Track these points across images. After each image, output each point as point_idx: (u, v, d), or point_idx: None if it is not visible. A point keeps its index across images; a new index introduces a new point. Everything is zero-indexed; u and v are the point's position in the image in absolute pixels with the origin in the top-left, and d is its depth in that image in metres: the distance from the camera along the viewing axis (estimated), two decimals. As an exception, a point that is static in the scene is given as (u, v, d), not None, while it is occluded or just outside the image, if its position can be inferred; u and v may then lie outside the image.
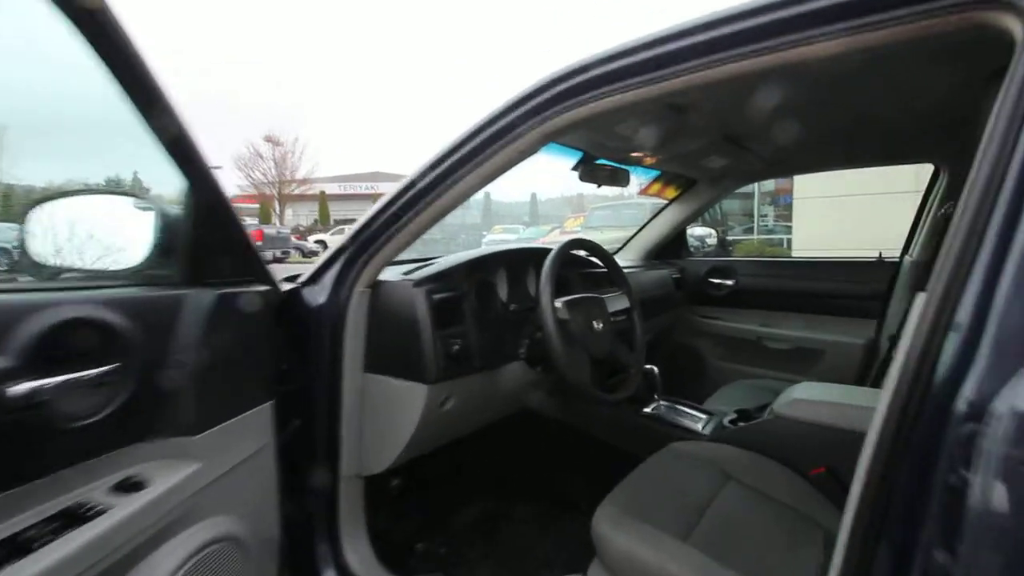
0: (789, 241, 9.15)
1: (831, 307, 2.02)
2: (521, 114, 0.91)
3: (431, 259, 1.29)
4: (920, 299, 0.53)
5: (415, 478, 1.45)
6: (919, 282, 1.76)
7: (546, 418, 1.65)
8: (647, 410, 1.57)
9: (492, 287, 1.29)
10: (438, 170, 1.00)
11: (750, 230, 11.57)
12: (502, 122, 0.94)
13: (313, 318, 1.10)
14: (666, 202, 2.29)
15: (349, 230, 1.13)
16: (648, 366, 1.57)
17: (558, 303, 1.19)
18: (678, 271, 2.33)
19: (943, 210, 1.68)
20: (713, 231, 2.53)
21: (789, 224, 9.31)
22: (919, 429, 0.50)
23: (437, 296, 1.10)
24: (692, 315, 2.36)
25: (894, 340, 1.80)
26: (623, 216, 8.77)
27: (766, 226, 11.71)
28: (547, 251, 1.27)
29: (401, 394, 1.11)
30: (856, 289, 1.96)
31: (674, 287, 2.25)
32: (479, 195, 1.49)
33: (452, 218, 1.20)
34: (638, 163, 1.69)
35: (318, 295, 1.11)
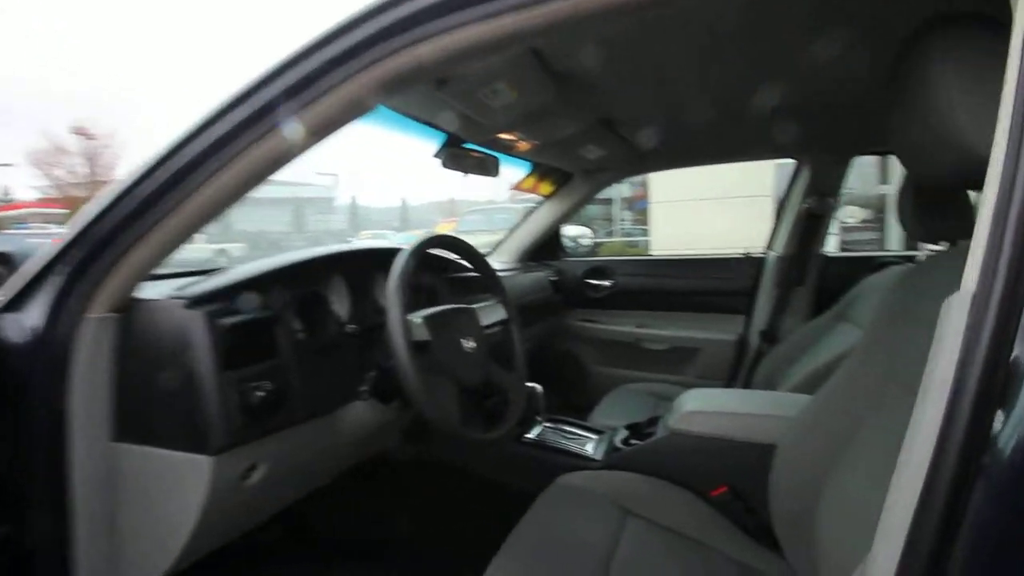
0: (647, 243, 9.89)
1: (704, 305, 2.00)
2: (338, 55, 0.61)
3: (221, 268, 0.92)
4: (959, 301, 0.36)
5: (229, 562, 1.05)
6: (784, 276, 1.79)
7: (409, 461, 1.35)
8: (530, 436, 1.35)
9: (323, 302, 0.95)
10: (216, 129, 0.65)
11: (610, 234, 12.37)
12: (311, 62, 0.62)
13: (16, 361, 0.69)
14: (540, 200, 2.12)
15: (70, 223, 0.72)
16: (530, 385, 1.35)
17: (415, 318, 0.90)
18: (555, 273, 2.17)
19: (805, 205, 1.72)
20: (588, 230, 2.43)
21: (645, 228, 10.09)
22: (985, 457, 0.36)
23: (227, 321, 0.75)
24: (571, 320, 2.22)
25: (765, 335, 1.81)
26: (496, 220, 8.70)
27: (623, 230, 12.61)
28: (398, 251, 0.98)
29: (173, 471, 0.73)
30: (726, 286, 1.96)
31: (552, 290, 2.08)
32: (344, 199, 1.14)
33: (314, 223, 0.85)
34: (509, 150, 1.46)
35: (24, 324, 0.70)
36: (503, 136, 1.32)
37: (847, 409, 0.84)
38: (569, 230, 2.35)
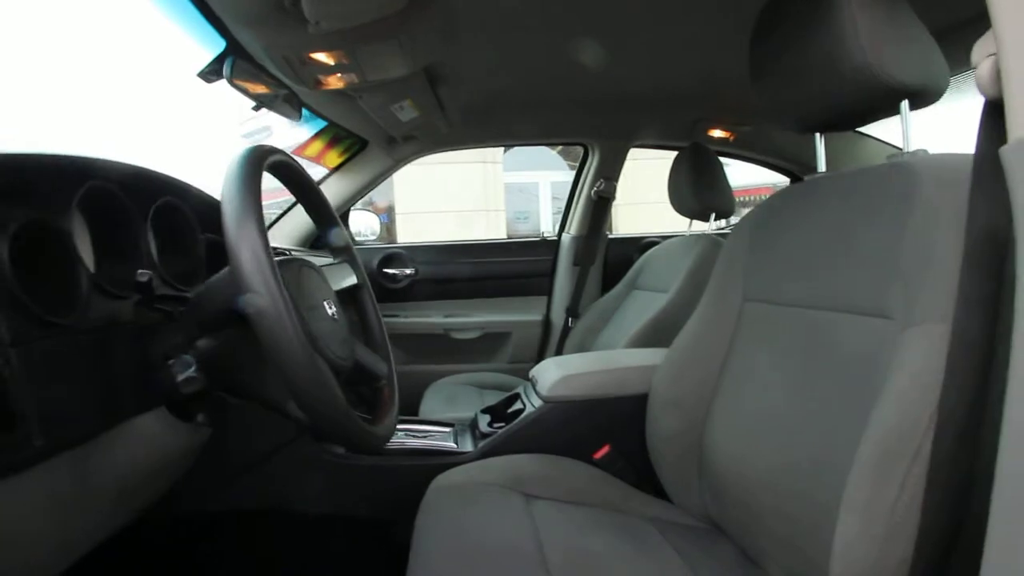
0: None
1: (508, 288, 1.99)
2: None
3: None
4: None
5: None
6: (579, 256, 1.92)
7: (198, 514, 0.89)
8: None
9: (63, 246, 0.51)
10: None
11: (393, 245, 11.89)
12: None
13: None
14: (326, 172, 1.78)
15: None
16: None
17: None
18: None
19: (596, 188, 1.88)
20: (376, 218, 2.15)
21: (391, 243, 10.03)
22: None
23: None
24: None
25: (571, 311, 1.91)
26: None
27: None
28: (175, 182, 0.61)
29: None
30: (528, 268, 2.00)
31: None
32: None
33: None
34: (318, 85, 1.14)
35: None
36: (316, 57, 1.00)
37: (714, 343, 0.89)
38: (356, 218, 2.04)
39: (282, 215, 1.76)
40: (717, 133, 1.75)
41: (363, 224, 2.08)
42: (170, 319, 0.60)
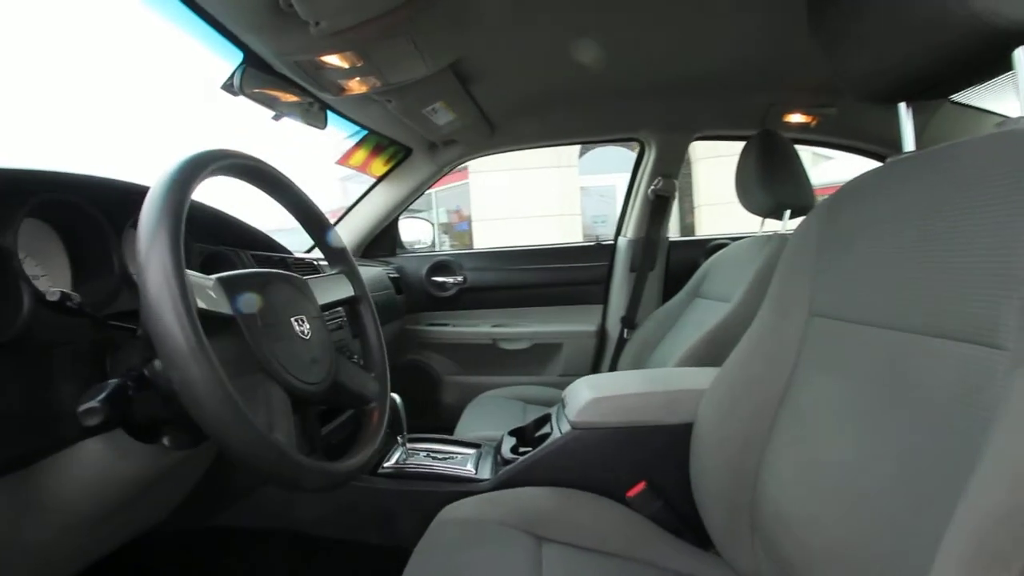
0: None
1: (561, 297, 1.88)
2: None
3: None
4: None
5: None
6: (636, 261, 1.76)
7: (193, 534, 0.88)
8: (388, 464, 1.00)
9: (3, 254, 0.50)
10: None
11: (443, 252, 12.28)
12: None
13: None
14: (373, 182, 1.78)
15: None
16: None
17: (200, 278, 0.51)
18: (394, 270, 1.84)
19: (653, 187, 1.71)
20: (430, 225, 2.14)
21: (464, 250, 10.24)
22: None
23: None
24: (416, 324, 1.90)
25: (627, 322, 1.75)
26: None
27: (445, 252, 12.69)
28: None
29: None
30: (581, 275, 1.87)
31: (394, 291, 1.74)
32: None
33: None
34: (341, 91, 1.12)
35: None
36: (328, 60, 0.97)
37: (772, 367, 0.72)
38: (407, 226, 2.03)
39: (344, 214, 1.80)
40: (795, 118, 1.52)
41: (416, 232, 2.06)
42: (135, 336, 0.58)
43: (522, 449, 1.01)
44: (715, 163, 7.22)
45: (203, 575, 0.92)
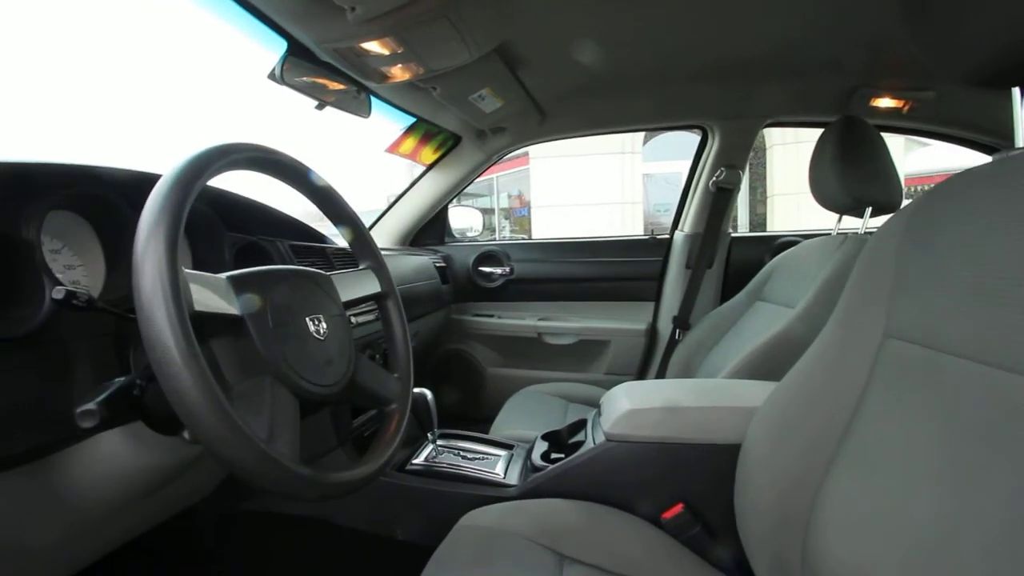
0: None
1: (611, 292, 1.80)
2: None
3: None
4: None
5: None
6: (692, 258, 1.64)
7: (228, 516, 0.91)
8: (417, 461, 0.99)
9: (26, 247, 0.51)
10: None
11: (491, 241, 12.36)
12: None
13: None
14: (423, 170, 1.77)
15: None
16: (418, 391, 0.99)
17: (209, 277, 0.50)
18: (441, 259, 1.83)
19: (715, 178, 1.58)
20: (480, 214, 2.11)
21: (523, 236, 10.22)
22: None
23: None
24: (462, 314, 1.89)
25: (679, 322, 1.65)
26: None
27: (504, 239, 12.73)
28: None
29: None
30: (633, 270, 1.77)
31: (439, 279, 1.73)
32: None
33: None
34: (384, 78, 1.10)
35: None
36: (368, 47, 0.95)
37: (836, 390, 0.62)
38: (457, 214, 2.01)
39: (382, 215, 1.81)
40: (884, 103, 1.33)
41: (465, 220, 2.05)
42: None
43: (554, 456, 0.96)
44: (793, 149, 6.71)
45: (237, 556, 0.96)
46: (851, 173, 1.14)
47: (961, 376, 0.48)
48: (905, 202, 0.89)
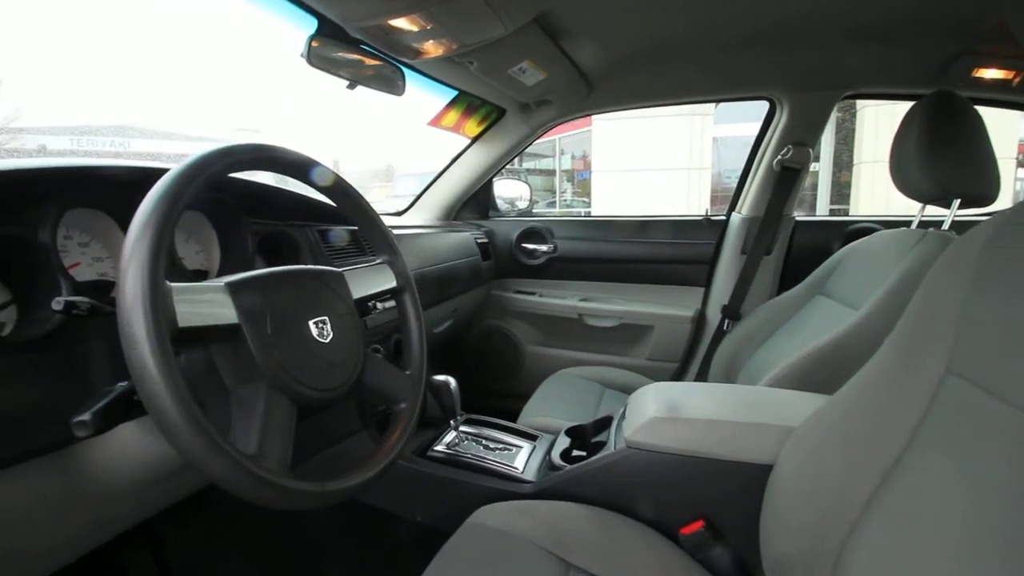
0: (588, 213, 9.75)
1: (658, 275, 1.71)
2: None
3: None
4: None
5: None
6: (748, 242, 1.52)
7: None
8: (439, 448, 1.00)
9: (40, 249, 0.54)
10: None
11: (552, 204, 12.15)
12: None
13: None
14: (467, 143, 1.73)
15: None
16: (442, 378, 0.99)
17: (207, 287, 0.51)
18: (484, 235, 1.81)
19: (779, 157, 1.43)
20: (526, 187, 2.06)
21: (585, 199, 9.95)
22: None
23: None
24: (502, 290, 1.87)
25: (727, 311, 1.55)
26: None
27: (566, 202, 12.44)
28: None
29: None
30: (683, 253, 1.67)
31: (480, 255, 1.71)
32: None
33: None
34: (418, 55, 1.05)
35: None
36: (396, 24, 0.91)
37: (884, 423, 0.55)
38: (503, 186, 1.97)
39: (425, 189, 1.80)
40: (990, 74, 1.13)
41: (511, 192, 2.00)
42: None
43: (575, 454, 0.94)
44: (888, 111, 5.98)
45: (259, 526, 1.02)
46: (939, 157, 0.98)
47: (1020, 431, 0.40)
48: (1007, 185, 0.76)
